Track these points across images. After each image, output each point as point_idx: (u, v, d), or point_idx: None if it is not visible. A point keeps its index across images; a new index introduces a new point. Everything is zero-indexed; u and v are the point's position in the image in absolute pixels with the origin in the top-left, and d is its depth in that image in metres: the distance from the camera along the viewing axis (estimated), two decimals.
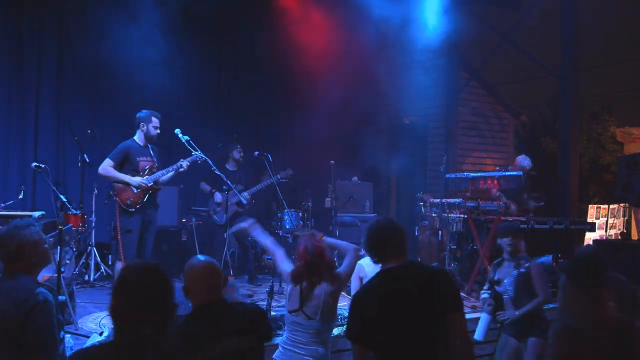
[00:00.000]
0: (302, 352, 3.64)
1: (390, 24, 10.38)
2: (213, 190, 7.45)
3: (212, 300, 2.71)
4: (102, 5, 8.28)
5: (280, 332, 4.24)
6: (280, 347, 3.79)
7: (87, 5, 8.32)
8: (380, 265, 3.01)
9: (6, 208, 6.29)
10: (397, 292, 2.80)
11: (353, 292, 4.50)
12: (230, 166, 7.64)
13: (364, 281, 4.40)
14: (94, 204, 7.24)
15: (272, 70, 10.07)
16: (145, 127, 5.95)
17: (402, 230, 3.03)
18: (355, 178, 9.58)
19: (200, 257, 2.88)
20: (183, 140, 6.09)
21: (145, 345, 2.00)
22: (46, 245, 3.05)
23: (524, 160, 7.89)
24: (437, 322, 2.77)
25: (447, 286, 2.89)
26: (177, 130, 6.15)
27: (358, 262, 4.51)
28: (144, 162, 5.93)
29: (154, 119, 5.98)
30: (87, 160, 6.53)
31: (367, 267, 4.53)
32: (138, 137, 5.99)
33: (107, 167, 5.80)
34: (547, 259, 6.45)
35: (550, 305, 4.51)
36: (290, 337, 3.71)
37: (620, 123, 10.35)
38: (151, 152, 6.04)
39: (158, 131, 6.00)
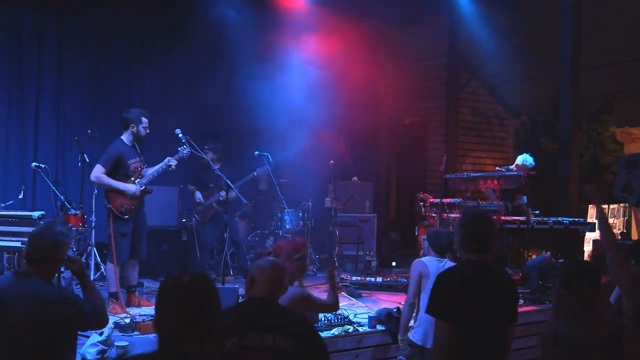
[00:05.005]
0: None
1: (391, 24, 10.39)
2: (194, 189, 7.60)
3: (264, 297, 2.70)
4: (102, 5, 8.28)
5: None
6: None
7: (87, 4, 8.31)
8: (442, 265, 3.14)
9: (6, 208, 6.28)
10: (482, 286, 2.83)
11: (411, 291, 4.31)
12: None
13: (424, 281, 4.23)
14: (94, 204, 7.23)
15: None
16: (135, 128, 5.82)
17: (494, 226, 3.04)
18: (355, 178, 9.58)
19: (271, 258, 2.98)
20: (183, 140, 6.07)
21: None
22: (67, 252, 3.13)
23: (528, 159, 7.82)
24: (503, 329, 2.87)
25: (516, 297, 3.04)
26: (178, 130, 6.14)
27: (421, 259, 4.40)
28: (134, 164, 5.83)
29: (143, 119, 5.86)
30: (87, 160, 6.54)
31: (431, 266, 4.27)
32: (126, 138, 5.85)
33: (99, 174, 5.66)
34: (543, 257, 6.48)
35: None
36: None
37: (620, 123, 10.33)
38: (137, 149, 5.96)
39: (148, 131, 5.91)
